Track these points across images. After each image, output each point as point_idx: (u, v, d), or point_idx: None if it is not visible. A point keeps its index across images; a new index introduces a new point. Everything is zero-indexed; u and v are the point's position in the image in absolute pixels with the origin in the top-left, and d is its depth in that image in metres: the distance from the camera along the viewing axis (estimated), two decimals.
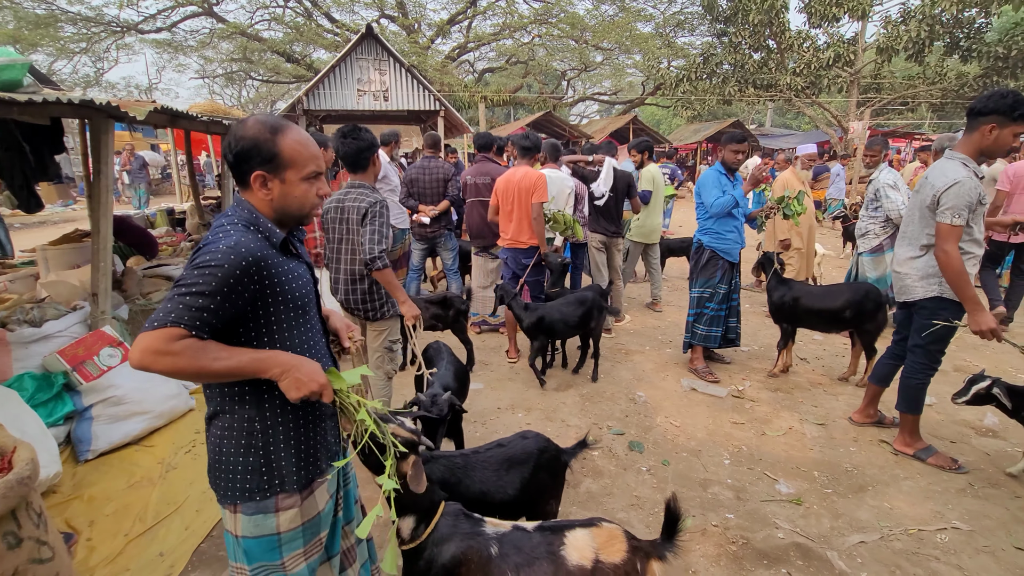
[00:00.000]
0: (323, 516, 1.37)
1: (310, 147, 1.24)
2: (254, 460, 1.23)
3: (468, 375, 3.09)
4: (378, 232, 2.53)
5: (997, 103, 2.40)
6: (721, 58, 14.67)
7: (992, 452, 3.01)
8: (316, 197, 1.29)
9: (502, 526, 1.54)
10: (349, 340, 1.49)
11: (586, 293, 4.06)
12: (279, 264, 1.22)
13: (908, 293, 2.76)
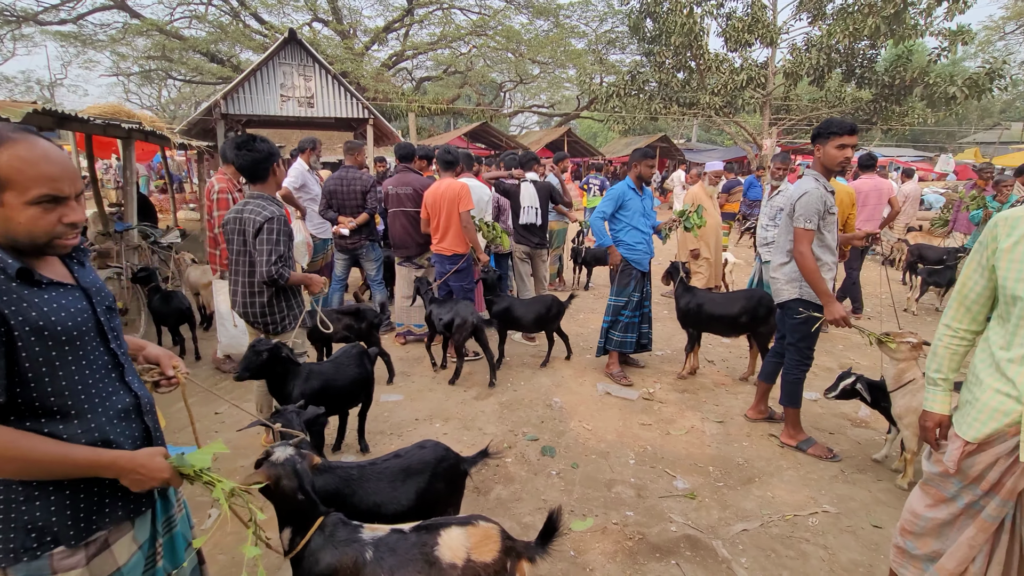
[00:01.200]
0: (127, 571, 1.17)
1: (41, 166, 1.01)
2: (16, 514, 1.04)
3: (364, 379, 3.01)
4: (273, 250, 2.50)
5: (826, 127, 2.89)
6: (648, 76, 15.44)
7: (863, 441, 3.34)
8: (59, 225, 1.06)
9: (380, 530, 1.56)
10: (173, 370, 1.36)
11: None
12: (19, 298, 1.02)
13: (779, 296, 3.09)
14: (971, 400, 1.57)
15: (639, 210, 4.03)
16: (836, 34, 12.29)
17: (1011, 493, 1.50)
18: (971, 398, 1.57)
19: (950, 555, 1.61)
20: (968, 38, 12.55)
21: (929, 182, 17.73)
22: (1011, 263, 1.47)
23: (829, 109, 14.75)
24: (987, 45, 22.51)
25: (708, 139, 36.72)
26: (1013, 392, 1.46)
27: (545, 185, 4.97)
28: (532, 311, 4.41)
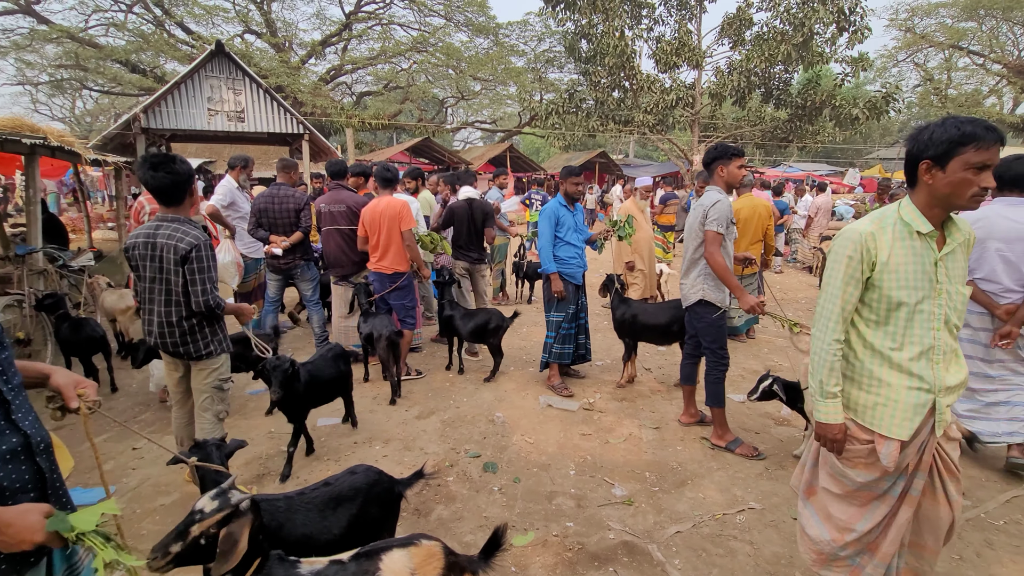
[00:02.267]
0: None
1: None
2: None
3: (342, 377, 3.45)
4: (207, 279, 2.40)
5: (713, 152, 3.25)
6: (585, 94, 15.99)
7: (784, 438, 3.57)
8: None
9: (318, 563, 1.51)
10: (77, 399, 1.27)
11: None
12: None
13: (686, 300, 3.35)
14: (884, 402, 1.67)
15: (571, 225, 4.16)
16: (754, 59, 13.25)
17: (927, 465, 1.68)
18: (883, 400, 1.67)
19: (889, 540, 1.74)
20: (867, 65, 13.89)
21: (841, 195, 19.36)
22: (891, 274, 1.63)
23: (751, 127, 15.81)
24: (884, 71, 24.97)
25: (645, 155, 38.35)
26: (924, 385, 1.62)
27: (483, 204, 5.01)
28: (471, 322, 4.46)
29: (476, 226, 4.92)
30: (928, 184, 1.58)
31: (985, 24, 22.07)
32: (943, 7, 22.02)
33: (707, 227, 3.12)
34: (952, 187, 1.53)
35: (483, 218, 4.92)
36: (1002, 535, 2.60)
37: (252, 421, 3.79)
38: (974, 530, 2.62)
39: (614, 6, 14.09)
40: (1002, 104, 24.09)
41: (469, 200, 4.95)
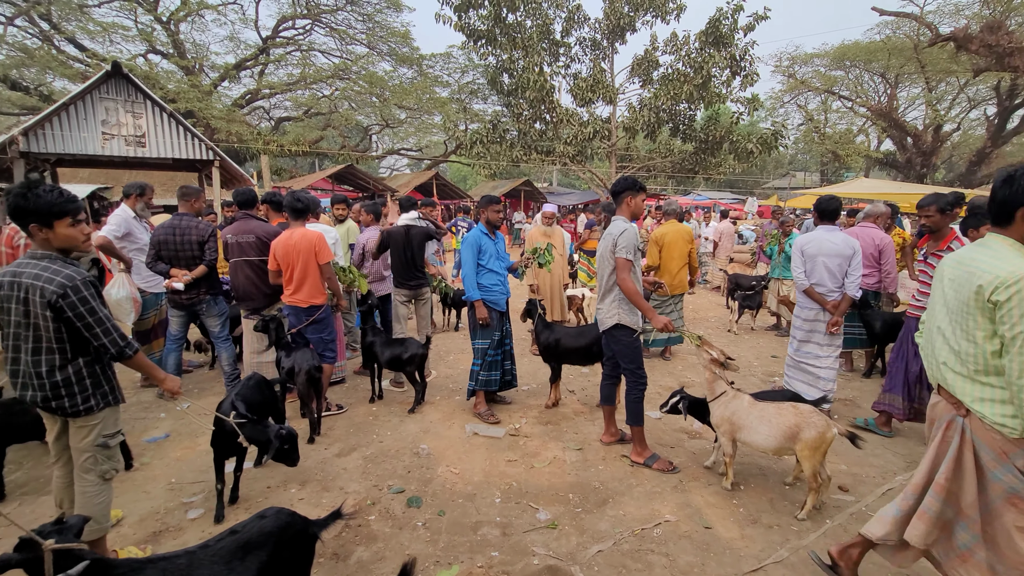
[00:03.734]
0: None
1: None
2: None
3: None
4: (105, 318, 2.17)
5: (622, 184, 3.44)
6: (508, 125, 16.50)
7: (697, 451, 3.78)
8: None
9: None
10: None
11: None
12: None
13: (603, 325, 3.51)
14: None
15: (493, 253, 4.25)
16: (661, 97, 14.36)
17: None
18: None
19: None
20: (758, 105, 15.47)
21: (745, 220, 21.23)
22: None
23: (662, 159, 17.00)
24: (773, 111, 27.96)
25: (568, 183, 39.93)
26: None
27: (422, 230, 5.05)
28: (389, 350, 4.41)
29: (414, 251, 4.90)
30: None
31: (851, 73, 25.44)
32: (817, 57, 25.15)
33: (617, 254, 3.31)
34: None
35: (421, 243, 4.96)
36: None
37: (150, 472, 3.46)
38: (856, 523, 2.90)
39: (533, 44, 14.78)
40: (869, 141, 27.65)
41: (407, 226, 4.92)
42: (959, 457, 1.95)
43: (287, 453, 2.84)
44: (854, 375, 5.54)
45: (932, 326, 2.11)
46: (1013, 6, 16.59)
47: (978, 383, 1.88)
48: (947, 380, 2.00)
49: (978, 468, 1.91)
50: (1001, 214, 1.89)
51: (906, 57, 20.89)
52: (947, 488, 1.97)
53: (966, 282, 1.88)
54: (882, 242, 5.25)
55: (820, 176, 32.59)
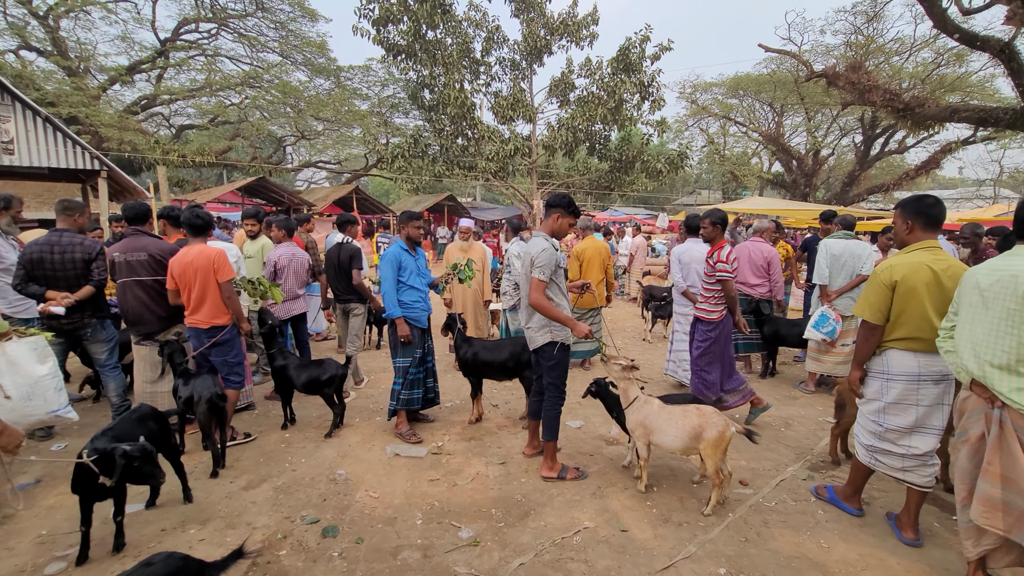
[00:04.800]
0: None
1: None
2: None
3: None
4: None
5: (561, 200, 3.43)
6: (430, 140, 16.47)
7: (615, 457, 3.94)
8: None
9: None
10: None
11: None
12: None
13: (534, 343, 3.48)
14: None
15: (414, 269, 4.21)
16: (578, 118, 15.03)
17: None
18: None
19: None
20: (666, 128, 16.64)
21: (658, 234, 22.59)
22: None
23: (580, 176, 17.73)
24: (679, 134, 30.15)
25: (491, 198, 40.40)
26: None
27: (350, 247, 5.14)
28: (305, 373, 4.21)
29: (344, 268, 5.09)
30: None
31: (744, 101, 28.07)
32: (715, 86, 27.53)
33: (533, 274, 3.30)
34: None
35: (349, 260, 5.08)
36: (774, 515, 3.17)
37: (15, 524, 3.03)
38: (755, 514, 3.16)
39: (454, 61, 14.93)
40: (762, 163, 30.56)
41: (338, 244, 5.16)
42: (1002, 444, 2.18)
43: (139, 471, 2.58)
44: (751, 377, 6.04)
45: (969, 329, 2.32)
46: (870, 50, 19.21)
47: (1017, 374, 2.13)
48: (985, 374, 2.22)
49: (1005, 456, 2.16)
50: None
51: (789, 89, 23.42)
52: (1001, 475, 2.17)
53: (1010, 284, 2.16)
54: (770, 254, 5.81)
55: (722, 194, 35.48)
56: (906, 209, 2.80)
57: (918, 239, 2.77)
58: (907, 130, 19.54)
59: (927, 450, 2.78)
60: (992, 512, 2.20)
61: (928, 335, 2.66)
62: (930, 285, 2.65)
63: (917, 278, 2.66)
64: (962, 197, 30.62)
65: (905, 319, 2.72)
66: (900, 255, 2.80)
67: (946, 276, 2.64)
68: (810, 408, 5.00)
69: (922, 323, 2.68)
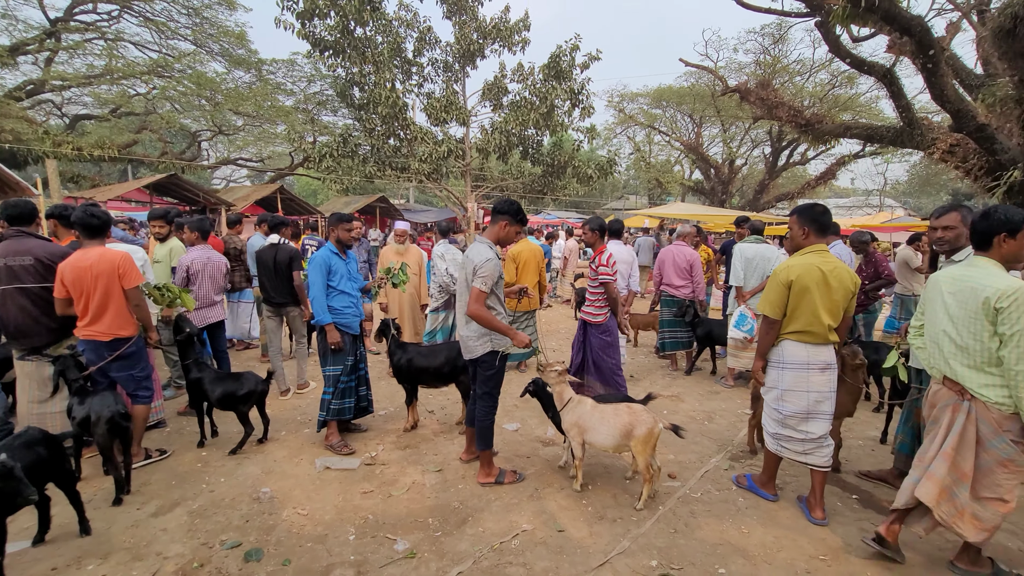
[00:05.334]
0: None
1: None
2: None
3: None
4: None
5: (509, 207, 3.38)
6: (360, 140, 15.95)
7: (551, 458, 3.99)
8: None
9: None
10: None
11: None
12: None
13: (472, 352, 3.39)
14: None
15: (344, 273, 4.05)
16: (511, 122, 15.16)
17: None
18: None
19: None
20: (595, 135, 17.18)
21: None
22: None
23: (514, 180, 17.88)
24: (608, 141, 31.25)
25: (425, 200, 39.86)
26: None
27: (288, 249, 4.99)
28: (220, 387, 3.93)
29: (282, 270, 4.92)
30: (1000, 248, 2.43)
31: (667, 112, 29.58)
32: (640, 96, 28.80)
33: (474, 283, 3.19)
34: (1019, 250, 2.40)
35: (289, 262, 4.94)
36: (700, 505, 3.34)
37: None
38: (682, 505, 3.31)
39: (384, 60, 14.58)
40: (684, 171, 32.34)
41: (274, 245, 4.98)
42: (964, 432, 2.48)
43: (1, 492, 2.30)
44: (678, 374, 6.35)
45: (936, 331, 2.63)
46: (776, 69, 20.91)
47: (983, 372, 2.42)
48: (956, 372, 2.51)
49: (978, 440, 2.45)
50: (982, 242, 2.50)
51: (706, 102, 24.94)
52: (953, 456, 2.49)
53: (971, 295, 2.42)
54: (692, 257, 6.14)
55: (648, 199, 37.17)
56: (802, 216, 3.13)
57: (811, 243, 3.11)
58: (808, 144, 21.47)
59: (821, 434, 3.10)
60: (936, 491, 2.53)
61: (817, 328, 3.01)
62: (820, 284, 2.98)
63: (809, 278, 2.98)
64: (854, 205, 34.11)
65: (799, 314, 3.04)
66: (795, 257, 3.12)
67: (832, 276, 2.99)
68: (730, 402, 5.33)
69: (813, 318, 3.01)
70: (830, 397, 3.10)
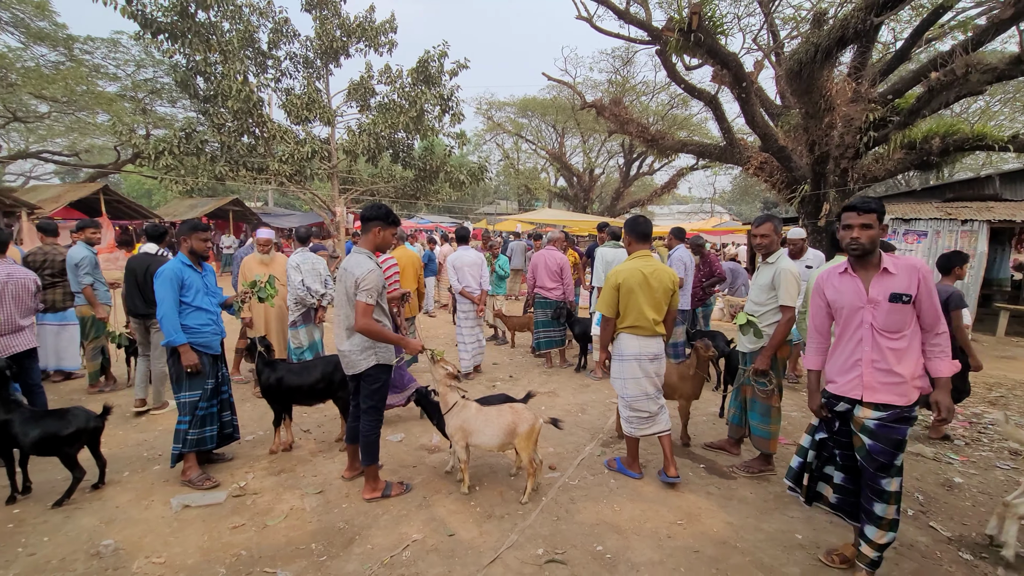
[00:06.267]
0: None
1: None
2: None
3: None
4: None
5: (376, 212, 3.31)
6: (206, 136, 14.31)
7: (437, 464, 4.01)
8: None
9: None
10: None
11: None
12: None
13: (355, 367, 3.28)
14: None
15: (201, 288, 3.65)
16: (380, 124, 14.77)
17: None
18: None
19: None
20: (465, 141, 17.43)
21: None
22: None
23: (385, 183, 17.43)
24: (478, 147, 31.94)
25: (287, 203, 36.96)
26: None
27: (145, 258, 4.74)
28: (38, 428, 3.30)
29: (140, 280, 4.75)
30: None
31: (532, 122, 31.10)
32: (507, 105, 29.93)
33: (359, 297, 3.09)
34: None
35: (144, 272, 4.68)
36: (578, 491, 3.62)
37: None
38: (563, 493, 3.57)
39: (234, 50, 13.30)
40: (550, 178, 34.25)
41: (148, 255, 4.86)
42: None
43: None
44: (553, 371, 6.76)
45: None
46: (626, 88, 23.18)
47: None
48: None
49: None
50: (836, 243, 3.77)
51: (567, 115, 26.71)
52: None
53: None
54: (562, 261, 6.59)
55: (518, 204, 38.68)
56: (627, 228, 3.75)
57: (635, 250, 3.71)
58: (654, 156, 24.16)
59: (657, 408, 3.70)
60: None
61: (644, 322, 3.59)
62: (642, 284, 3.56)
63: (633, 280, 3.55)
64: (692, 211, 39.09)
65: (628, 311, 3.60)
66: (623, 263, 3.71)
67: (653, 277, 3.58)
68: (599, 393, 5.82)
69: (639, 314, 3.58)
70: (660, 380, 3.72)
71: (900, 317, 2.40)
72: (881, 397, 2.42)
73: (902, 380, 2.39)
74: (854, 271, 2.54)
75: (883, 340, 2.42)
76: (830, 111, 8.07)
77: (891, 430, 2.41)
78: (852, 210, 2.47)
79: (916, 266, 2.42)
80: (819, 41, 7.15)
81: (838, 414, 2.58)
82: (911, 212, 9.74)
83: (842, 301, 2.54)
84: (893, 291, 2.39)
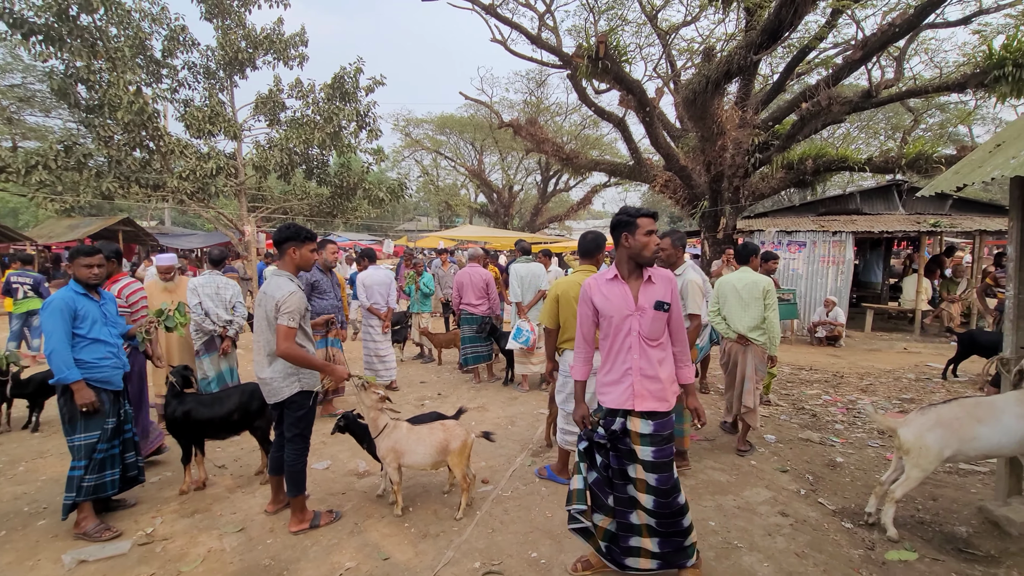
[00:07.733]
0: None
1: None
2: None
3: None
4: None
5: (287, 232, 3.21)
6: (90, 149, 12.95)
7: (368, 488, 3.92)
8: None
9: None
10: None
11: None
12: None
13: (278, 395, 3.16)
14: None
15: (98, 318, 3.34)
16: (292, 139, 14.18)
17: None
18: None
19: None
20: (383, 157, 17.19)
21: (384, 259, 23.02)
22: None
23: (299, 201, 16.70)
24: (397, 163, 31.57)
25: (186, 222, 34.20)
26: None
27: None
28: None
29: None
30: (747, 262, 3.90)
31: (451, 139, 31.33)
32: (425, 122, 29.93)
33: (280, 321, 3.00)
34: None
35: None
36: (512, 502, 3.71)
37: None
38: (496, 505, 3.63)
39: (123, 57, 12.24)
40: (470, 194, 34.56)
41: None
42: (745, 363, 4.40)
43: None
44: (482, 386, 6.83)
45: (729, 311, 4.48)
46: (540, 109, 24.11)
47: (758, 330, 4.34)
48: (745, 333, 4.35)
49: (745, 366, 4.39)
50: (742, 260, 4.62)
51: (486, 133, 27.23)
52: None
53: (753, 286, 4.33)
54: (487, 277, 6.73)
55: (439, 221, 38.53)
56: (578, 245, 3.96)
57: (581, 265, 3.91)
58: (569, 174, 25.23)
59: None
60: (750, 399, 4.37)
61: None
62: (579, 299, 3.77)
63: (571, 293, 3.69)
64: (607, 226, 41.07)
65: (568, 325, 3.72)
66: (568, 276, 3.95)
67: None
68: (527, 405, 5.97)
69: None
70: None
71: (660, 325, 2.51)
72: (649, 405, 2.47)
73: (663, 386, 2.49)
74: (624, 279, 2.57)
75: (648, 348, 2.50)
76: (722, 135, 8.97)
77: (663, 441, 2.47)
78: (651, 217, 2.52)
79: (669, 277, 2.59)
80: (709, 73, 7.96)
81: (615, 433, 2.55)
82: (792, 225, 10.97)
83: (611, 309, 2.54)
84: (657, 299, 2.48)
